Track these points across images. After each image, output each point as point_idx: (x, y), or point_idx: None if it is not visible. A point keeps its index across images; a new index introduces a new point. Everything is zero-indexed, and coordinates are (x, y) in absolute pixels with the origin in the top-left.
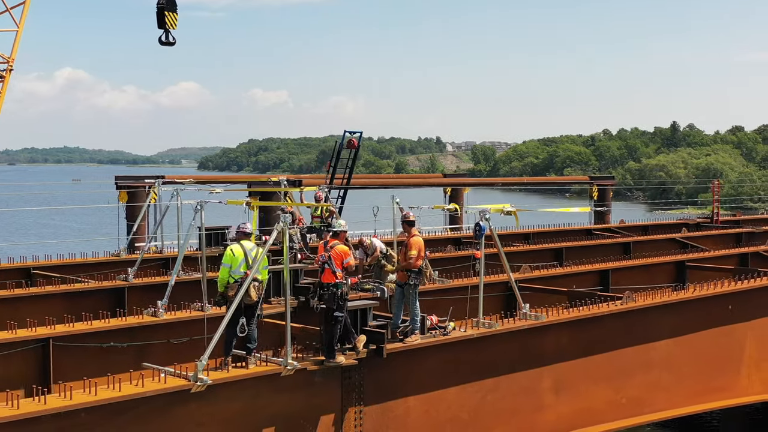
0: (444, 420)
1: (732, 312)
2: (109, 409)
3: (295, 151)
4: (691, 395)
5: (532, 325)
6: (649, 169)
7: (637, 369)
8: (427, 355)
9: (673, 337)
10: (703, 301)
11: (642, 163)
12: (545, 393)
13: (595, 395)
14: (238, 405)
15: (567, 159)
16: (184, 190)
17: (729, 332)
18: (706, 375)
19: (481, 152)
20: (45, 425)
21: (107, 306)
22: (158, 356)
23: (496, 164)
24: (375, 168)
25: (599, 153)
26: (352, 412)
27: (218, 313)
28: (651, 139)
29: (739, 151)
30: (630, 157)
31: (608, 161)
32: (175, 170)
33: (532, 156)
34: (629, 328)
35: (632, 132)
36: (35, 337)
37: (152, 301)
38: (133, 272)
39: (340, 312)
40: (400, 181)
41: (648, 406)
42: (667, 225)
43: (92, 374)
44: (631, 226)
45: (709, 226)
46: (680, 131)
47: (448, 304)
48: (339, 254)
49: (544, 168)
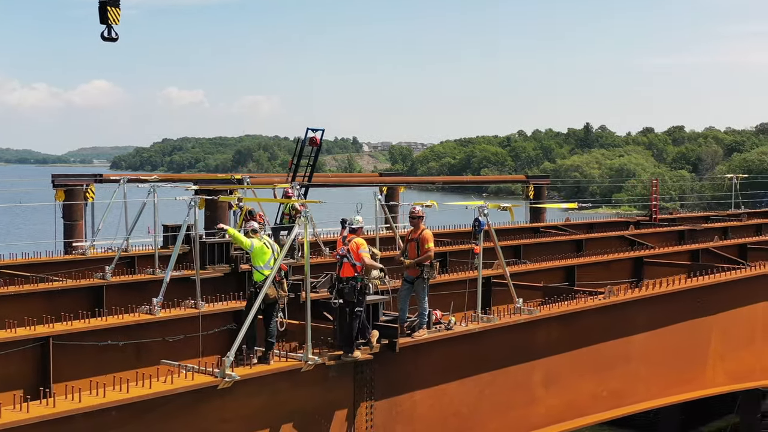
0: (447, 414)
1: (700, 306)
2: (139, 407)
3: (210, 150)
4: (664, 387)
5: (527, 319)
6: (564, 169)
7: (618, 362)
8: (432, 350)
9: (649, 331)
10: (675, 295)
11: (557, 163)
12: (536, 387)
13: (581, 388)
14: (260, 401)
15: (484, 159)
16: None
17: (697, 326)
18: (677, 367)
19: (398, 152)
20: (78, 424)
21: (86, 305)
22: (155, 353)
23: (413, 164)
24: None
25: (515, 153)
26: (364, 407)
27: (212, 310)
28: (565, 140)
29: (650, 152)
30: (545, 158)
31: (524, 162)
32: (87, 170)
33: (449, 156)
34: (611, 322)
35: (546, 133)
36: (35, 336)
37: (130, 300)
38: (111, 270)
39: (360, 306)
40: (343, 180)
41: (627, 399)
42: (611, 223)
43: (90, 373)
44: (577, 224)
45: (652, 224)
46: (593, 132)
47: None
48: (357, 246)
49: (461, 168)
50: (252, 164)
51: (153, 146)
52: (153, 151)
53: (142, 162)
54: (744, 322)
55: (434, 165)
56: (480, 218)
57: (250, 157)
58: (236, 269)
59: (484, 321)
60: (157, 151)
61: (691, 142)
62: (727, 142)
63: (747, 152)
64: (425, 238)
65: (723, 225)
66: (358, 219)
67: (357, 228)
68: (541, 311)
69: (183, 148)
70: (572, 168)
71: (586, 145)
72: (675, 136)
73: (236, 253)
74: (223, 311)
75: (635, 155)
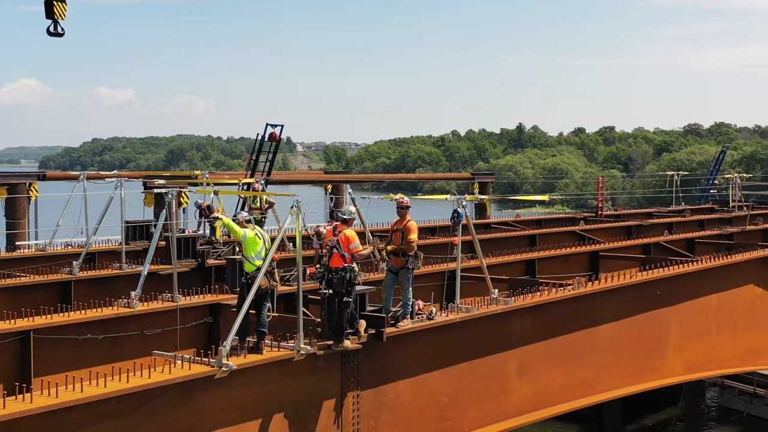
0: (428, 403)
1: (660, 297)
2: (139, 397)
3: (141, 150)
4: (627, 376)
5: (503, 309)
6: (498, 169)
7: (586, 352)
8: (415, 340)
9: (613, 322)
10: (638, 286)
11: (491, 163)
12: (511, 376)
13: (552, 378)
14: (253, 390)
15: (418, 159)
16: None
17: (658, 317)
18: (640, 357)
19: (333, 152)
20: (79, 413)
21: (53, 300)
22: (133, 347)
23: (348, 164)
24: (226, 167)
25: (449, 153)
26: (351, 397)
27: (189, 304)
28: (498, 140)
29: (582, 152)
30: (479, 158)
31: (458, 161)
32: (15, 169)
33: (384, 156)
34: (579, 312)
35: (480, 133)
36: (15, 330)
37: (98, 295)
38: (78, 265)
39: (349, 296)
40: (289, 178)
41: (594, 387)
42: (560, 219)
43: (69, 367)
44: (526, 220)
45: (599, 219)
46: (526, 132)
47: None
48: (347, 239)
49: (396, 168)
50: (184, 164)
51: (83, 146)
52: (83, 150)
53: (72, 162)
54: (700, 314)
55: (369, 165)
56: (459, 210)
57: (182, 156)
58: (202, 264)
59: (463, 311)
60: (87, 151)
61: (622, 142)
62: (656, 143)
63: (676, 152)
64: (410, 228)
65: (668, 221)
66: (350, 210)
67: (349, 219)
68: (516, 302)
69: (114, 147)
70: (506, 167)
71: (519, 145)
72: (606, 137)
73: (202, 248)
74: (199, 304)
75: (567, 155)
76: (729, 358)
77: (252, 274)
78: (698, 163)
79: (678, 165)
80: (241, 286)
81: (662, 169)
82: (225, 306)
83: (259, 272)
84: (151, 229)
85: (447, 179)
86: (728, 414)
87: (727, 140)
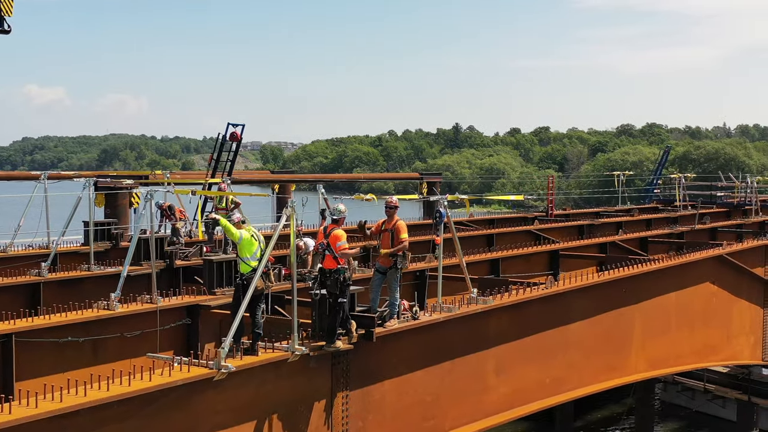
0: (412, 403)
1: (625, 295)
2: (140, 400)
3: (73, 149)
4: (594, 374)
5: (483, 308)
6: (436, 168)
7: (558, 350)
8: (401, 340)
9: (582, 320)
10: (607, 285)
11: (428, 163)
12: (489, 375)
13: (527, 376)
14: (248, 391)
15: (356, 159)
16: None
17: (623, 315)
18: (607, 355)
19: (270, 152)
20: (83, 417)
21: (22, 302)
22: (113, 349)
23: (285, 164)
24: (161, 167)
25: (387, 153)
26: (340, 397)
27: (168, 305)
28: (435, 140)
29: (518, 152)
30: (416, 158)
31: (396, 161)
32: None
33: (321, 156)
34: (552, 311)
35: (417, 133)
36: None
37: (68, 296)
38: (47, 267)
39: (344, 297)
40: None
41: (566, 385)
42: (512, 219)
43: (49, 370)
44: (479, 220)
45: (550, 219)
46: (462, 133)
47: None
48: (335, 237)
49: (334, 168)
50: (118, 163)
51: (12, 145)
52: (12, 150)
53: (1, 162)
54: (661, 311)
55: (306, 164)
56: (441, 210)
57: (116, 156)
58: (171, 265)
59: (446, 311)
60: (17, 150)
61: (557, 142)
62: (591, 143)
63: (611, 152)
64: (400, 228)
65: (617, 220)
66: (340, 209)
67: (339, 218)
68: (495, 301)
69: (45, 147)
70: (443, 167)
71: (455, 145)
72: (541, 137)
73: (170, 249)
74: (177, 306)
75: (504, 155)
76: (687, 354)
77: (247, 275)
78: (632, 163)
79: (613, 165)
80: (237, 287)
81: (597, 169)
82: (203, 307)
83: (255, 273)
84: (113, 230)
85: (396, 179)
86: (675, 410)
87: (659, 141)
